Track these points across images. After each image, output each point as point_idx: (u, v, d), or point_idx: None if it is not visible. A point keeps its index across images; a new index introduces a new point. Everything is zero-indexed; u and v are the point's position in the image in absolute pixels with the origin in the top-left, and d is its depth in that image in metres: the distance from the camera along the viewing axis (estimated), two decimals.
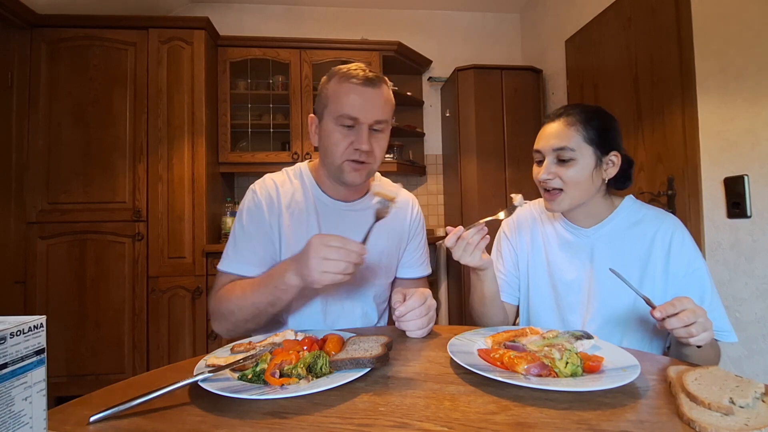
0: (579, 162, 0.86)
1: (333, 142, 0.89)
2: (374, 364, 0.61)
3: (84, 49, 2.26)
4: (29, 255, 2.16)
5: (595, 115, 0.88)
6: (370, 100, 0.87)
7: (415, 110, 3.20)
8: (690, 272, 0.85)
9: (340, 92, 0.87)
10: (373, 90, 0.88)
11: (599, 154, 0.87)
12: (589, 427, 0.46)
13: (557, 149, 0.86)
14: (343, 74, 0.89)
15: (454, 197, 2.88)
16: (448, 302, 3.13)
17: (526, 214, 1.06)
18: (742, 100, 1.43)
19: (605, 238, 0.92)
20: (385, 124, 0.91)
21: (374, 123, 0.88)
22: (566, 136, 0.86)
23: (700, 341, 0.65)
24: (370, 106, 0.87)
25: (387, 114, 0.90)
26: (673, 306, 0.66)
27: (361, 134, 0.87)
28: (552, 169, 0.88)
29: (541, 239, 1.01)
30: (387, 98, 0.91)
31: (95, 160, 2.24)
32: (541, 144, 0.90)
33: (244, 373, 0.61)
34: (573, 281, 0.93)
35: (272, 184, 0.98)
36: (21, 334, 0.35)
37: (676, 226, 0.89)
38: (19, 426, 0.34)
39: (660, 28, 1.72)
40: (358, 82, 0.86)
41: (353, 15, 3.15)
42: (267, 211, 0.94)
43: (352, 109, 0.86)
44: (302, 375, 0.60)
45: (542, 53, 2.91)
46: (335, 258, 0.69)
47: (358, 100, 0.86)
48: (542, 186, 0.91)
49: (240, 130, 2.73)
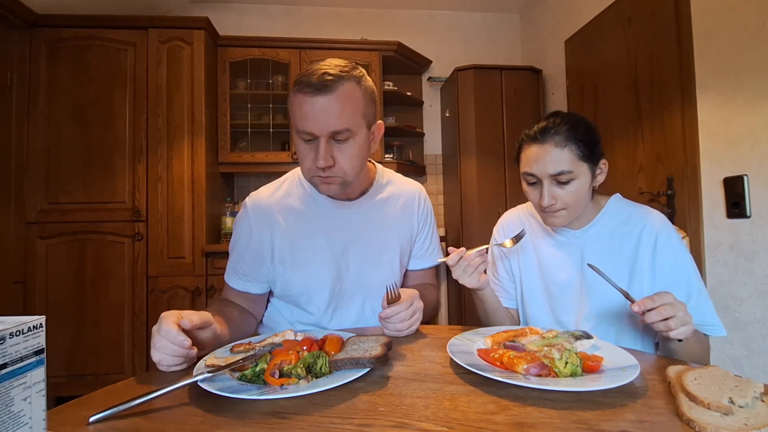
0: (577, 180, 0.85)
1: (300, 158, 0.85)
2: (374, 364, 0.61)
3: (84, 49, 2.26)
4: (29, 255, 2.16)
5: (582, 129, 0.86)
6: (323, 110, 0.77)
7: (414, 110, 3.20)
8: (676, 267, 0.86)
9: (294, 104, 0.80)
10: (326, 97, 0.77)
11: (592, 166, 0.87)
12: (589, 427, 0.46)
13: (557, 174, 0.84)
14: (297, 82, 0.80)
15: (453, 197, 2.88)
16: (448, 302, 3.13)
17: (514, 219, 1.07)
18: (741, 100, 1.43)
19: (594, 238, 0.93)
20: (347, 133, 0.80)
21: (332, 134, 0.79)
22: (562, 159, 0.83)
23: (680, 335, 0.66)
24: (323, 118, 0.78)
25: (347, 121, 0.79)
26: (652, 300, 0.67)
27: (318, 149, 0.79)
28: (552, 192, 0.86)
29: (530, 242, 1.01)
30: (346, 102, 0.79)
31: (95, 160, 2.24)
32: (535, 169, 0.86)
33: (243, 374, 0.61)
34: (565, 282, 0.94)
35: (264, 195, 0.98)
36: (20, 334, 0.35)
37: (661, 222, 0.90)
38: (18, 426, 0.34)
39: (660, 29, 1.72)
40: (310, 91, 0.77)
41: (353, 15, 3.15)
42: (255, 226, 0.94)
43: (305, 124, 0.78)
44: (302, 375, 0.60)
45: (542, 53, 2.91)
46: (158, 347, 0.65)
47: (311, 112, 0.78)
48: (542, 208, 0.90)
49: (240, 130, 2.74)
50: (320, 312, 0.97)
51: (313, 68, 0.80)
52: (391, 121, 2.90)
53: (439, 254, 1.12)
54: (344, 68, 0.81)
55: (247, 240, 0.95)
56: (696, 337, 0.78)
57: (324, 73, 0.78)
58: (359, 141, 0.83)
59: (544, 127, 0.86)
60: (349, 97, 0.80)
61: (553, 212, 0.88)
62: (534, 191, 0.89)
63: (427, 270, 1.10)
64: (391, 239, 1.00)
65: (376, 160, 2.93)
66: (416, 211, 1.06)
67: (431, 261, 1.09)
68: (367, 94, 0.85)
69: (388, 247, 1.00)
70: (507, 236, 1.05)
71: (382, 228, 0.99)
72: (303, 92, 0.78)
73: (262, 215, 0.95)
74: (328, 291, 0.95)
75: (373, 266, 0.98)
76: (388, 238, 0.99)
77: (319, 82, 0.77)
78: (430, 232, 1.10)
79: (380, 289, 0.98)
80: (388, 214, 1.01)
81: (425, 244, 1.08)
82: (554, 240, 0.98)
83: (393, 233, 1.00)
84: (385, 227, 1.00)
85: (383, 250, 0.99)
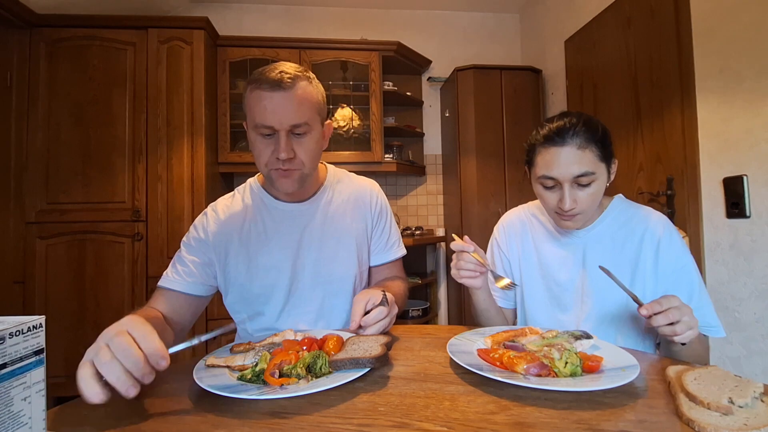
0: (597, 182, 0.84)
1: (257, 153, 0.87)
2: (374, 364, 0.61)
3: (83, 48, 2.26)
4: (28, 255, 2.16)
5: (600, 130, 0.85)
6: (282, 105, 0.82)
7: (414, 110, 3.20)
8: (678, 269, 0.86)
9: (252, 101, 0.84)
10: (285, 93, 0.82)
11: (608, 166, 0.87)
12: (589, 426, 0.46)
13: (579, 176, 0.82)
14: (253, 80, 0.84)
15: (453, 197, 2.88)
16: (448, 302, 3.13)
17: (515, 220, 1.07)
18: (741, 100, 1.43)
19: (596, 239, 0.93)
20: (306, 127, 0.85)
21: (291, 128, 0.84)
22: (585, 160, 0.82)
23: (684, 339, 0.66)
24: (283, 112, 0.82)
25: (305, 116, 0.85)
26: (659, 304, 0.67)
27: (279, 142, 0.84)
28: (573, 195, 0.84)
29: (531, 242, 1.01)
30: (303, 98, 0.85)
31: (94, 160, 2.23)
32: (556, 172, 0.83)
33: (243, 374, 0.61)
34: (566, 282, 0.94)
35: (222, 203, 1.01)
36: (20, 334, 0.35)
37: (664, 224, 0.90)
38: (18, 426, 0.34)
39: (659, 29, 1.72)
40: (267, 87, 0.82)
41: (353, 15, 3.15)
42: (211, 231, 0.96)
43: (264, 118, 0.82)
44: (302, 375, 0.60)
45: (542, 53, 2.91)
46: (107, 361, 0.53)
47: (270, 107, 0.82)
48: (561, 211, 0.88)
49: (239, 130, 2.73)
50: (276, 312, 0.96)
51: (268, 68, 0.85)
52: (391, 121, 2.89)
53: (401, 247, 1.12)
54: (298, 69, 0.87)
55: (201, 243, 0.96)
56: (698, 338, 0.78)
57: (282, 71, 0.83)
58: (315, 135, 0.89)
59: (562, 127, 0.83)
60: (305, 93, 0.85)
61: (572, 216, 0.86)
62: (551, 195, 0.87)
63: (391, 263, 1.10)
64: (346, 234, 1.01)
65: (376, 160, 2.93)
66: (369, 205, 1.06)
67: (394, 254, 1.10)
68: (319, 93, 0.91)
69: (342, 241, 1.00)
70: (508, 237, 1.06)
71: (334, 224, 1.00)
72: (262, 88, 0.82)
73: (219, 222, 0.97)
74: (284, 291, 0.96)
75: (330, 262, 0.98)
76: (342, 234, 1.00)
77: (278, 79, 0.82)
78: (388, 226, 1.10)
79: (340, 284, 0.99)
80: (339, 210, 1.02)
81: (383, 238, 1.08)
82: (556, 240, 0.98)
83: (347, 228, 1.01)
84: (338, 223, 1.01)
85: (338, 246, 0.99)
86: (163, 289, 0.92)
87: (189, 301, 0.92)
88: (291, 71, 0.84)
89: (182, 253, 0.97)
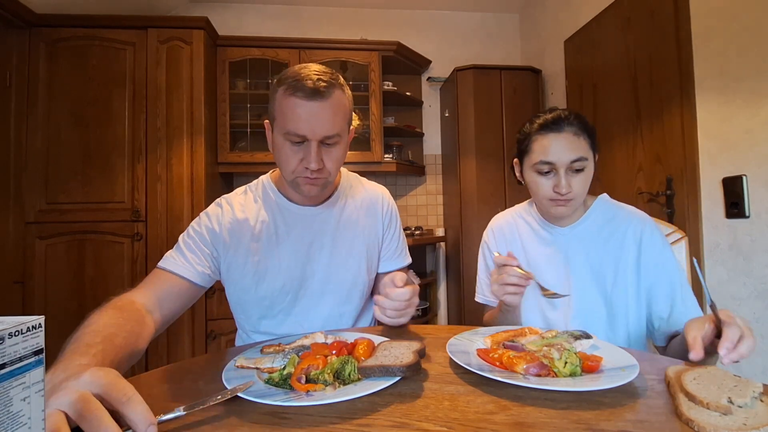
0: (588, 169, 0.89)
1: (283, 159, 0.85)
2: (405, 373, 0.58)
3: (83, 48, 2.25)
4: (28, 255, 2.16)
5: (588, 121, 0.92)
6: (317, 115, 0.80)
7: (414, 110, 3.20)
8: (660, 264, 0.88)
9: (285, 107, 0.81)
10: (321, 103, 0.80)
11: (595, 158, 0.92)
12: (588, 426, 0.46)
13: (575, 160, 0.87)
14: (289, 85, 0.81)
15: (453, 197, 2.88)
16: (447, 302, 3.13)
17: (502, 223, 1.08)
18: (740, 100, 1.43)
19: (579, 237, 0.95)
20: (337, 138, 0.84)
21: (324, 138, 0.83)
22: (579, 146, 0.88)
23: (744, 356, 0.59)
24: (318, 123, 0.81)
25: (338, 126, 0.84)
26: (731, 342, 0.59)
27: (309, 152, 0.82)
28: (568, 180, 0.88)
29: (520, 243, 1.03)
30: (338, 107, 0.83)
31: (94, 160, 2.23)
32: (554, 156, 0.88)
33: (271, 376, 0.59)
34: (553, 280, 0.95)
35: (235, 199, 0.98)
36: (19, 334, 0.35)
37: (645, 222, 0.92)
38: (17, 426, 0.34)
39: (659, 29, 1.73)
40: (304, 96, 0.79)
41: (352, 15, 3.15)
42: (224, 225, 0.93)
43: (298, 128, 0.80)
44: (329, 381, 0.57)
45: (541, 53, 2.91)
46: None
47: (304, 116, 0.80)
48: (556, 197, 0.90)
49: (239, 130, 2.73)
50: (281, 317, 0.95)
51: (303, 74, 0.81)
52: (391, 121, 2.90)
53: (408, 255, 1.11)
54: (333, 75, 0.84)
55: (213, 235, 0.93)
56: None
57: (318, 79, 0.80)
58: (343, 144, 0.88)
59: (558, 116, 0.89)
60: (339, 104, 0.84)
61: (567, 201, 0.89)
62: (546, 181, 0.91)
63: (399, 271, 1.09)
64: (357, 241, 0.99)
65: (376, 160, 2.93)
66: (380, 212, 1.05)
67: (402, 261, 1.09)
68: (349, 100, 0.89)
69: (354, 248, 0.99)
70: (497, 241, 1.07)
71: (346, 230, 0.99)
72: (297, 96, 0.80)
73: (234, 217, 0.94)
74: (292, 296, 0.95)
75: (340, 268, 0.97)
76: (353, 240, 0.99)
77: (315, 88, 0.79)
78: (397, 234, 1.09)
79: (350, 291, 0.98)
80: (352, 216, 1.01)
81: (392, 245, 1.08)
82: (542, 239, 1.00)
83: (358, 235, 1.00)
84: (350, 229, 0.99)
85: (350, 252, 0.98)
86: (164, 272, 0.86)
87: (189, 288, 0.87)
88: (326, 78, 0.81)
89: (192, 239, 0.92)
